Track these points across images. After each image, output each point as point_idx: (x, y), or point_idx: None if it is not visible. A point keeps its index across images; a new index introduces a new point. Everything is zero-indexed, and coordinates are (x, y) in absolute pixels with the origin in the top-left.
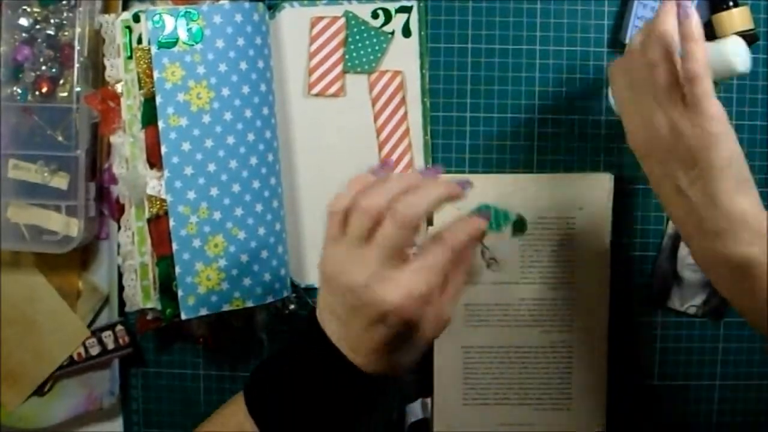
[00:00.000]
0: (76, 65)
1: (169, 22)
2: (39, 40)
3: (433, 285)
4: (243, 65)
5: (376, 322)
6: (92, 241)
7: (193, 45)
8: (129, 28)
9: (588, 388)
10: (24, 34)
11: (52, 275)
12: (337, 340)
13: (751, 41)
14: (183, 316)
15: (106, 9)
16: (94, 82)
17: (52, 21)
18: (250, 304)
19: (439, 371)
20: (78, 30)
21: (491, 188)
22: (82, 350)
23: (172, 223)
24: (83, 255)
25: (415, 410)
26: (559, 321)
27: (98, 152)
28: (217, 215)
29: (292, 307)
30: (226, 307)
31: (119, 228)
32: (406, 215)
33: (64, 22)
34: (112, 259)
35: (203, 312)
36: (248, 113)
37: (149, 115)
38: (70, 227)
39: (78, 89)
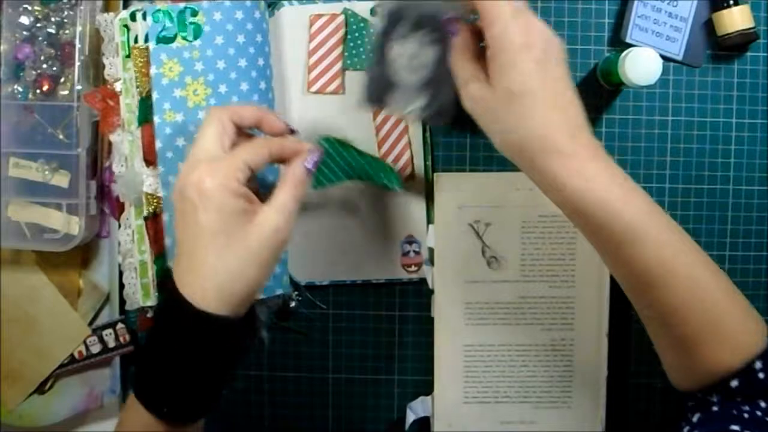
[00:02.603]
0: (77, 63)
1: (169, 18)
2: (40, 38)
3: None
4: (242, 62)
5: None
6: (93, 240)
7: (191, 41)
8: (127, 26)
9: (588, 385)
10: (25, 33)
11: (52, 273)
12: (201, 299)
13: (752, 40)
14: None
15: (107, 7)
16: (95, 80)
17: (53, 19)
18: None
19: (439, 369)
20: (79, 28)
21: (492, 187)
22: (83, 348)
23: (165, 218)
24: (84, 253)
25: (416, 408)
26: (560, 319)
27: (99, 150)
28: None
29: (293, 305)
30: None
31: (119, 226)
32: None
33: (65, 20)
34: (112, 257)
35: None
36: None
37: (145, 113)
38: (71, 225)
39: (79, 87)
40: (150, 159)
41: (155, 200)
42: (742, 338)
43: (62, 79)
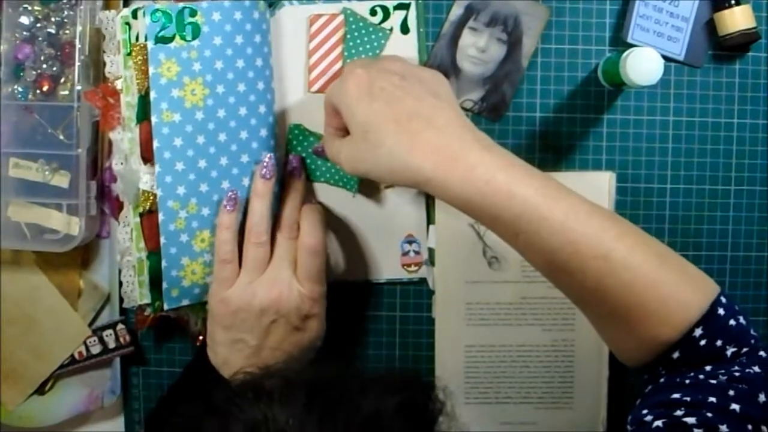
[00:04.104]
0: (77, 63)
1: (168, 18)
2: (40, 38)
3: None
4: (240, 63)
5: (296, 327)
6: (93, 240)
7: (190, 41)
8: (128, 24)
9: (589, 386)
10: (25, 33)
11: (53, 274)
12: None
13: (753, 40)
14: (165, 307)
15: (107, 7)
16: (95, 80)
17: (53, 19)
18: None
19: (440, 370)
20: (79, 28)
21: None
22: (83, 349)
23: (161, 217)
24: (84, 254)
25: None
26: (561, 319)
27: (99, 150)
28: (205, 211)
29: None
30: (207, 299)
31: (119, 224)
32: (293, 227)
33: (65, 20)
34: (113, 257)
35: (185, 303)
36: (243, 111)
37: (143, 110)
38: (71, 226)
39: (79, 88)
40: (147, 156)
41: (151, 197)
42: (677, 309)
43: (62, 80)
